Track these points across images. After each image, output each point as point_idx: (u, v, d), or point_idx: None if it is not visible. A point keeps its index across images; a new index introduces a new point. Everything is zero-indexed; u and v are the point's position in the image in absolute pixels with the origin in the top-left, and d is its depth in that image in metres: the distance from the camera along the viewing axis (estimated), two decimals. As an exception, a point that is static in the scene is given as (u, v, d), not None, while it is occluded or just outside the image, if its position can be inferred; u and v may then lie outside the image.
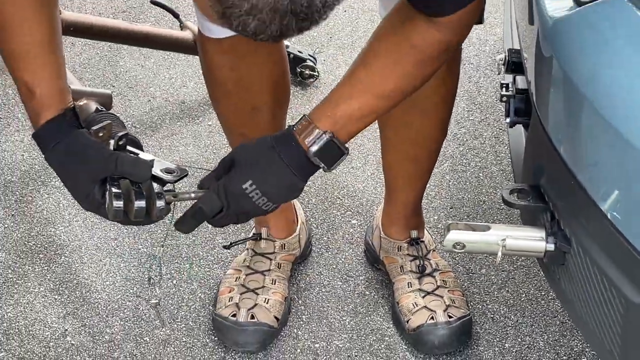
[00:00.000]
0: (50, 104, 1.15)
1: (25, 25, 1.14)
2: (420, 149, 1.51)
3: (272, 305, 1.55)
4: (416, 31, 1.13)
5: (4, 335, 1.56)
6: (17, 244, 1.71)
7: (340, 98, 1.14)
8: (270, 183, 1.14)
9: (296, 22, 0.88)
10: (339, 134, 1.14)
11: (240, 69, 1.43)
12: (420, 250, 1.60)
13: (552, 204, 1.17)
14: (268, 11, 0.86)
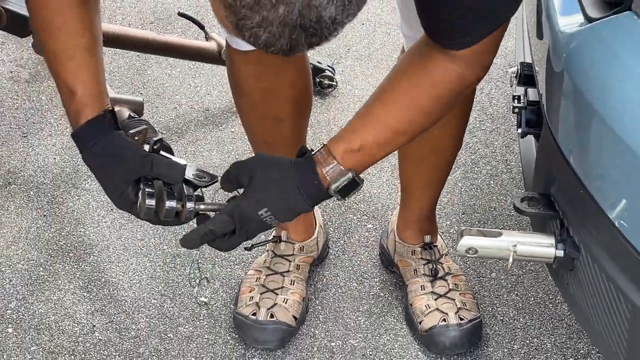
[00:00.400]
0: (90, 104, 1.19)
1: (66, 27, 1.18)
2: (436, 158, 1.56)
3: (291, 305, 1.61)
4: (435, 67, 1.15)
5: (35, 330, 1.62)
6: (48, 243, 1.77)
7: (361, 135, 1.15)
8: (283, 209, 1.15)
9: (305, 36, 0.89)
10: (357, 170, 1.17)
11: (265, 80, 1.48)
12: (433, 254, 1.66)
13: (562, 212, 1.21)
14: (278, 24, 0.87)
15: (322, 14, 0.87)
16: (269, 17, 0.87)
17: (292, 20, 0.87)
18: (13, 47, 2.19)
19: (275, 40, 0.89)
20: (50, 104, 2.06)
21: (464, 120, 1.54)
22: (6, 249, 1.76)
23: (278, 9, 0.86)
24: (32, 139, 1.97)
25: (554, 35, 1.22)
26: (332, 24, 0.89)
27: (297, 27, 0.88)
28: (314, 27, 0.88)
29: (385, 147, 1.18)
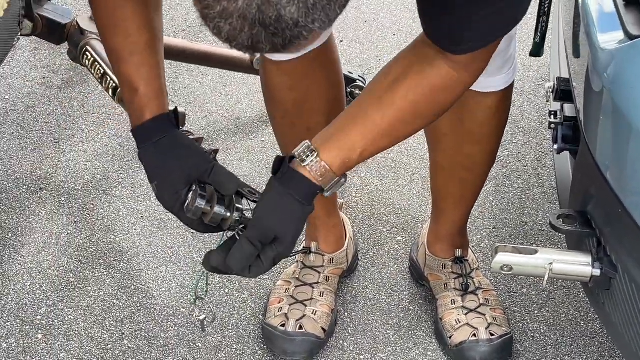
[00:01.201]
0: (153, 101, 1.21)
1: (126, 24, 1.20)
2: (469, 174, 1.55)
3: (320, 316, 1.61)
4: (434, 71, 1.15)
5: (65, 337, 1.63)
6: (78, 250, 1.78)
7: (357, 144, 1.16)
8: (297, 230, 1.18)
9: (266, 35, 0.87)
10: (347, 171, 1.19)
11: (298, 90, 1.49)
12: (464, 268, 1.65)
13: (599, 230, 1.21)
14: (237, 17, 0.86)
15: (282, 13, 0.85)
16: (229, 9, 0.86)
17: (251, 15, 0.86)
18: (46, 52, 2.20)
19: (236, 35, 0.88)
20: (82, 110, 2.07)
21: (498, 137, 1.53)
22: (37, 254, 1.77)
23: (238, 1, 0.85)
24: (63, 145, 1.99)
25: (594, 51, 1.21)
26: (295, 26, 0.87)
27: (256, 22, 0.86)
28: (274, 26, 0.87)
29: (380, 150, 1.20)
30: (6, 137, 2.00)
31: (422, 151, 1.98)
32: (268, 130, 2.03)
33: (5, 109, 2.07)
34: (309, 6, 0.86)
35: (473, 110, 1.45)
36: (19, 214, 1.84)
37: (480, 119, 1.46)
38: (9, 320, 1.65)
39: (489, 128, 1.49)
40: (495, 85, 1.44)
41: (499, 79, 1.44)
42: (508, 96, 1.49)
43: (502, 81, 1.45)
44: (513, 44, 1.43)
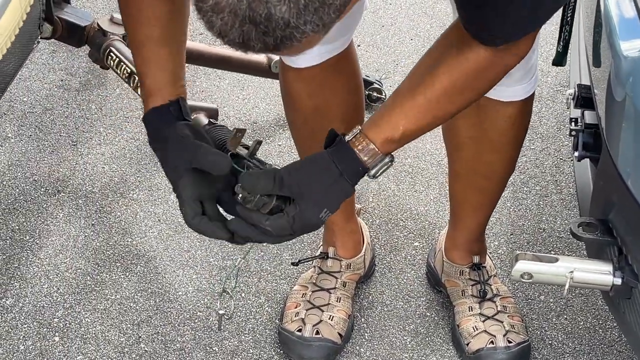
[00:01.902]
0: (155, 94, 1.22)
1: (138, 17, 1.21)
2: (487, 182, 1.55)
3: (337, 322, 1.61)
4: (474, 55, 1.15)
5: (82, 340, 1.63)
6: (96, 253, 1.78)
7: (404, 125, 1.17)
8: (337, 203, 1.18)
9: (256, 32, 0.87)
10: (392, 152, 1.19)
11: (317, 97, 1.48)
12: (481, 275, 1.64)
13: (620, 239, 1.20)
14: (229, 12, 0.86)
15: (272, 12, 0.85)
16: (221, 3, 0.86)
17: (242, 11, 0.86)
18: (64, 55, 2.21)
19: (227, 30, 0.88)
20: (100, 113, 2.08)
21: (518, 146, 1.52)
22: (54, 257, 1.77)
23: None
24: (81, 148, 1.99)
25: (616, 59, 1.21)
26: (286, 27, 0.86)
27: (246, 19, 0.86)
28: (264, 24, 0.86)
29: (422, 131, 1.20)
30: (24, 140, 2.00)
31: (439, 156, 1.97)
32: (285, 135, 2.03)
33: (24, 111, 2.08)
34: (300, 7, 0.86)
35: (493, 119, 1.45)
36: (37, 216, 1.84)
37: (500, 128, 1.46)
38: (26, 323, 1.65)
39: (509, 137, 1.48)
40: (515, 94, 1.44)
41: (520, 89, 1.43)
42: (528, 106, 1.48)
43: (522, 91, 1.44)
44: (535, 54, 1.42)
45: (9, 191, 1.89)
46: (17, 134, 2.02)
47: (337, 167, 1.16)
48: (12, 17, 1.42)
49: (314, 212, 1.16)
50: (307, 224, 1.17)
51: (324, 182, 1.16)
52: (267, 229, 1.16)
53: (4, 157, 1.96)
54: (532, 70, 1.43)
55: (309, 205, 1.16)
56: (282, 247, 1.79)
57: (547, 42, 2.21)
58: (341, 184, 1.16)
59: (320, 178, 1.16)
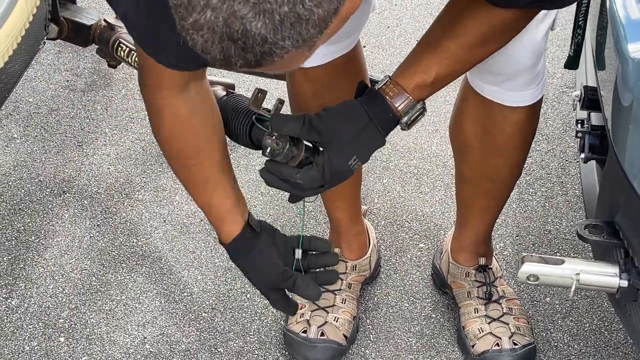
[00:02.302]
0: (234, 220, 1.31)
1: (201, 154, 1.26)
2: (494, 186, 1.54)
3: (342, 323, 1.61)
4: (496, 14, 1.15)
5: (87, 340, 1.63)
6: (101, 253, 1.78)
7: (435, 70, 1.16)
8: (367, 151, 1.17)
9: (235, 49, 0.85)
10: (424, 99, 1.19)
11: (322, 97, 1.48)
12: (487, 277, 1.64)
13: (627, 241, 1.20)
14: (207, 29, 0.85)
15: (248, 27, 0.84)
16: (200, 21, 0.86)
17: (219, 28, 0.85)
18: (69, 56, 2.21)
19: (209, 47, 0.87)
20: (106, 113, 2.08)
21: (525, 150, 1.52)
22: (59, 257, 1.77)
23: (206, 13, 0.85)
24: (87, 149, 1.99)
25: (623, 60, 1.20)
26: (264, 43, 0.85)
27: (224, 35, 0.86)
28: (242, 40, 0.85)
29: (452, 76, 1.20)
30: (30, 140, 2.01)
31: (444, 158, 1.97)
32: (290, 136, 2.03)
33: (29, 112, 2.08)
34: (275, 22, 0.85)
35: (500, 124, 1.45)
36: (42, 216, 1.84)
37: (507, 133, 1.45)
38: (31, 323, 1.66)
39: (515, 141, 1.48)
40: (522, 100, 1.43)
41: (527, 94, 1.43)
42: (536, 111, 1.48)
43: (529, 96, 1.44)
44: (542, 59, 1.41)
45: (14, 192, 1.89)
46: (23, 134, 2.02)
47: (368, 114, 1.15)
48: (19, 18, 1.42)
49: (343, 159, 1.15)
50: (337, 171, 1.16)
51: (353, 128, 1.15)
52: (298, 182, 1.16)
53: (10, 158, 1.97)
54: (539, 76, 1.43)
55: (338, 152, 1.15)
56: (288, 248, 1.79)
57: (553, 44, 2.20)
58: (371, 131, 1.16)
59: (350, 123, 1.15)
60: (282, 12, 0.84)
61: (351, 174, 1.17)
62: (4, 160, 1.96)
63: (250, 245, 1.31)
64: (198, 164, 1.27)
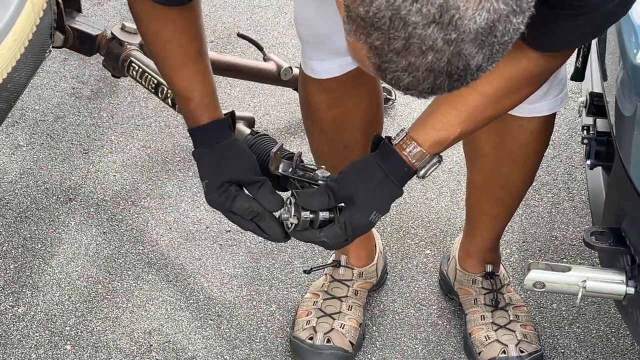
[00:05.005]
0: (210, 106, 1.26)
1: (178, 36, 1.23)
2: (505, 194, 1.54)
3: (348, 330, 1.60)
4: (525, 57, 1.15)
5: (93, 348, 1.63)
6: (107, 261, 1.78)
7: (450, 123, 1.17)
8: (386, 205, 1.20)
9: (449, 82, 0.88)
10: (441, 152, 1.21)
11: (337, 108, 1.48)
12: (494, 284, 1.64)
13: (633, 248, 1.19)
14: (424, 70, 0.86)
15: (470, 63, 0.86)
16: (416, 63, 0.86)
17: (440, 67, 0.86)
18: (75, 63, 2.22)
19: (418, 84, 0.88)
20: (111, 121, 2.08)
21: (538, 159, 1.51)
22: (66, 265, 1.77)
23: (427, 56, 0.85)
24: (92, 156, 2.00)
25: (628, 66, 1.20)
26: (477, 71, 0.88)
27: (443, 73, 0.87)
28: (459, 74, 0.87)
29: (470, 133, 1.22)
30: (36, 148, 2.01)
31: (450, 164, 1.97)
32: (296, 142, 2.03)
33: (35, 119, 2.08)
34: (493, 52, 0.87)
35: (515, 132, 1.44)
36: (48, 224, 1.85)
37: (522, 142, 1.45)
38: (38, 331, 1.66)
39: (529, 150, 1.47)
40: (540, 110, 1.42)
41: (544, 105, 1.42)
42: (551, 121, 1.47)
43: (547, 107, 1.42)
44: (562, 69, 1.39)
45: (20, 199, 1.90)
46: (29, 142, 2.02)
47: (382, 169, 1.18)
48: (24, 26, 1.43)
49: (363, 215, 1.18)
50: (359, 227, 1.20)
51: (371, 186, 1.18)
52: (323, 240, 1.20)
53: (16, 166, 1.97)
54: (557, 87, 1.41)
55: (358, 210, 1.18)
56: (294, 255, 1.79)
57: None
58: (388, 186, 1.18)
59: (367, 181, 1.18)
60: (502, 42, 0.86)
61: (372, 227, 1.21)
62: (10, 168, 1.96)
63: (228, 133, 1.25)
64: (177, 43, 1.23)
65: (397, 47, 0.85)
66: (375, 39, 0.86)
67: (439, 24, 0.84)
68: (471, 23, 0.84)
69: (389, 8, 0.84)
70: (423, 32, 0.84)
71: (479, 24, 0.84)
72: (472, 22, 0.84)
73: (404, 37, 0.85)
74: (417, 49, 0.85)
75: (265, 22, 2.38)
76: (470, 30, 0.84)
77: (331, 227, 1.20)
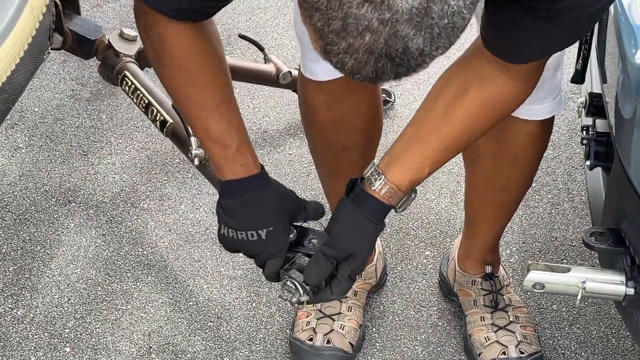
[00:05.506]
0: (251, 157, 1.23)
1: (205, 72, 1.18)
2: (505, 196, 1.54)
3: (348, 331, 1.60)
4: (493, 85, 1.16)
5: (92, 350, 1.63)
6: (106, 263, 1.78)
7: (425, 160, 1.19)
8: (370, 248, 1.23)
9: (391, 66, 0.87)
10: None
11: (336, 110, 1.48)
12: (494, 285, 1.64)
13: (633, 249, 1.19)
14: (364, 52, 0.86)
15: (409, 45, 0.86)
16: (355, 44, 0.86)
17: (378, 49, 0.86)
18: (74, 65, 2.22)
19: (361, 67, 0.88)
20: (111, 122, 2.08)
21: (537, 162, 1.51)
22: (65, 267, 1.77)
23: (364, 37, 0.85)
24: (92, 158, 2.00)
25: (627, 67, 1.20)
26: (420, 56, 0.87)
27: (382, 55, 0.87)
28: (400, 57, 0.87)
29: (444, 163, 1.23)
30: (35, 150, 2.01)
31: (450, 165, 1.97)
32: (295, 144, 2.03)
33: (34, 121, 2.08)
34: (434, 35, 0.86)
35: (514, 135, 1.44)
36: (48, 226, 1.85)
37: (520, 144, 1.45)
38: (37, 333, 1.66)
39: (528, 153, 1.47)
40: (538, 113, 1.42)
41: (542, 108, 1.42)
42: (549, 124, 1.47)
43: (544, 110, 1.42)
44: (559, 72, 1.40)
45: (20, 201, 1.90)
46: (28, 144, 2.02)
47: (369, 219, 1.19)
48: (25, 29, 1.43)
49: (363, 262, 1.22)
50: (357, 271, 1.23)
51: (366, 238, 1.21)
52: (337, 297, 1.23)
53: (15, 168, 1.97)
54: (556, 90, 1.42)
55: (359, 261, 1.21)
56: (293, 257, 1.79)
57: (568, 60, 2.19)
58: (377, 230, 1.21)
59: (362, 235, 1.21)
60: (441, 25, 0.85)
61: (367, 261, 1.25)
62: (9, 170, 1.96)
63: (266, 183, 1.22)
64: (210, 84, 1.18)
65: (336, 27, 0.85)
66: (317, 20, 0.86)
67: (372, 3, 0.84)
68: (404, 2, 0.84)
69: None
70: (358, 12, 0.84)
71: (412, 4, 0.84)
72: (405, 1, 0.84)
73: (341, 17, 0.85)
74: (355, 29, 0.85)
75: (264, 23, 2.38)
76: (403, 10, 0.84)
77: (339, 284, 1.21)
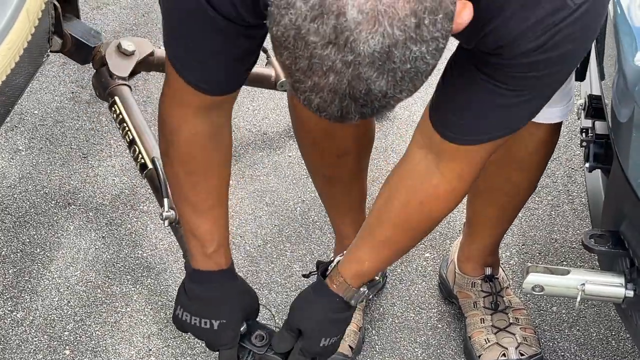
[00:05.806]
0: (226, 253, 1.32)
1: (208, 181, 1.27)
2: (509, 200, 1.54)
3: (347, 334, 1.60)
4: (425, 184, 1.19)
5: (92, 353, 1.63)
6: (106, 265, 1.78)
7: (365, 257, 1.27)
8: (337, 330, 1.31)
9: (355, 106, 0.89)
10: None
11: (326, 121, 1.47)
12: (494, 287, 1.63)
13: (632, 251, 1.19)
14: (328, 91, 0.88)
15: (372, 87, 0.88)
16: (320, 84, 0.88)
17: (342, 89, 0.88)
18: (74, 68, 2.22)
19: (326, 106, 0.91)
20: (110, 125, 2.08)
21: (544, 165, 1.51)
22: (64, 269, 1.77)
23: (329, 77, 0.87)
24: (91, 160, 2.00)
25: (626, 69, 1.20)
26: (384, 98, 0.89)
27: (346, 96, 0.89)
28: (363, 99, 0.89)
29: (386, 264, 1.33)
30: (35, 152, 2.01)
31: (450, 167, 1.96)
32: (295, 146, 2.02)
33: (34, 123, 2.08)
34: (397, 79, 0.88)
35: (524, 139, 1.44)
36: (47, 229, 1.85)
37: (529, 149, 1.45)
38: (37, 336, 1.66)
39: (536, 157, 1.47)
40: (549, 117, 1.42)
41: (554, 112, 1.41)
42: (558, 129, 1.47)
43: (556, 114, 1.42)
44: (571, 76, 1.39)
45: (19, 204, 1.90)
46: (28, 146, 2.02)
47: (321, 304, 1.28)
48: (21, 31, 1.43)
49: (313, 342, 1.30)
50: (315, 352, 1.31)
51: (313, 319, 1.30)
52: None
53: (15, 170, 1.97)
54: (569, 93, 1.41)
55: (307, 339, 1.30)
56: (293, 260, 1.79)
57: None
58: (329, 316, 1.28)
59: (310, 316, 1.30)
60: (404, 69, 0.87)
61: (333, 350, 1.32)
62: (9, 172, 1.96)
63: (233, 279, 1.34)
64: (207, 187, 1.27)
65: (303, 66, 0.88)
66: (285, 58, 0.88)
67: (335, 44, 0.85)
68: (365, 46, 0.85)
69: (292, 27, 0.86)
70: (322, 53, 0.86)
71: (374, 48, 0.85)
72: (367, 45, 0.85)
73: (307, 56, 0.87)
74: (319, 69, 0.87)
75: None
76: (365, 54, 0.85)
77: (293, 354, 1.31)
